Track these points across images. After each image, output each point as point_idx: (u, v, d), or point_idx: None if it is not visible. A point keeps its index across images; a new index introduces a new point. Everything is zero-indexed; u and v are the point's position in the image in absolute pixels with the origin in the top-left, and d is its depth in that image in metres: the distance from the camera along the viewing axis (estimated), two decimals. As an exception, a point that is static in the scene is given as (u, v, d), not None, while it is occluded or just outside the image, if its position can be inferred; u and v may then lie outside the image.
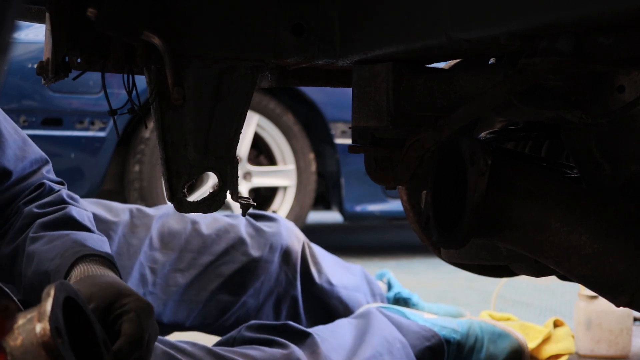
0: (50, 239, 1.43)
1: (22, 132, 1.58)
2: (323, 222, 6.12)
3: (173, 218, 1.97)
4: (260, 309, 1.99)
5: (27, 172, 1.55)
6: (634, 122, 1.18)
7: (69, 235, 1.43)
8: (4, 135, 1.51)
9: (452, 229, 1.10)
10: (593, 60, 0.94)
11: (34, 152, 1.57)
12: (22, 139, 1.56)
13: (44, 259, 1.39)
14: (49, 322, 1.01)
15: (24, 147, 1.55)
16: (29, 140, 1.58)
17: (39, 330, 1.01)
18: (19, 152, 1.54)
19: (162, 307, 1.92)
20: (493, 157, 1.06)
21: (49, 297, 1.03)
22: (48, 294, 1.04)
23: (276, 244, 2.00)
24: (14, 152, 1.53)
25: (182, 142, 1.26)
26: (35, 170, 1.56)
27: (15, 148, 1.53)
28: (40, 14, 1.30)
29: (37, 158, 1.57)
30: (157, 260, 1.92)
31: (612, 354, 2.16)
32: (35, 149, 1.58)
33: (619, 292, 1.11)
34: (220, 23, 1.21)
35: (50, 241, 1.42)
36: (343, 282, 2.09)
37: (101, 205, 1.94)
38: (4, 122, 1.52)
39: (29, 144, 1.57)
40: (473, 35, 0.93)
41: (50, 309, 1.02)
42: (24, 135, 1.57)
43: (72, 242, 1.41)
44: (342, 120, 4.15)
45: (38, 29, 3.63)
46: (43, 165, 1.58)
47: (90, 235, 1.45)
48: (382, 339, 1.84)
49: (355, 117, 1.20)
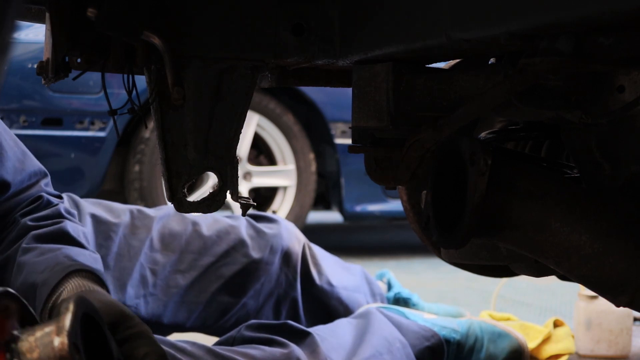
0: (41, 251, 1.41)
1: (22, 145, 1.57)
2: (323, 222, 6.12)
3: (174, 219, 1.97)
4: (260, 310, 1.99)
5: (25, 185, 1.55)
6: (634, 122, 1.18)
7: (60, 249, 1.41)
8: (4, 147, 1.51)
9: (452, 229, 1.10)
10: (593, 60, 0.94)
11: (33, 165, 1.57)
12: (22, 152, 1.56)
13: (33, 271, 1.38)
14: (68, 337, 1.00)
15: (23, 160, 1.55)
16: (29, 153, 1.58)
17: (57, 344, 1.00)
18: (18, 165, 1.54)
19: (162, 308, 1.92)
20: (493, 157, 1.06)
21: (68, 311, 1.02)
22: (67, 308, 1.03)
23: (277, 245, 2.00)
24: (13, 164, 1.52)
25: (182, 142, 1.26)
26: (33, 183, 1.56)
27: (14, 160, 1.53)
28: (40, 14, 1.30)
29: (36, 171, 1.57)
30: (157, 261, 1.92)
31: (612, 354, 2.16)
32: (34, 162, 1.58)
33: (619, 292, 1.11)
34: (220, 23, 1.21)
35: (42, 254, 1.41)
36: (343, 282, 2.09)
37: (102, 206, 1.94)
38: (4, 133, 1.52)
39: (29, 157, 1.57)
40: (473, 35, 0.93)
41: (69, 324, 1.01)
42: (23, 147, 1.57)
43: (63, 256, 1.39)
44: (342, 120, 4.15)
45: (38, 29, 3.63)
46: (42, 179, 1.58)
47: (82, 251, 1.43)
48: (382, 339, 1.84)
49: (355, 117, 1.20)
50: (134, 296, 1.88)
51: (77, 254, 1.41)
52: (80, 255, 1.41)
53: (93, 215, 1.88)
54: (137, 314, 1.87)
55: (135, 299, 1.88)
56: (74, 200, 1.89)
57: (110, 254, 1.87)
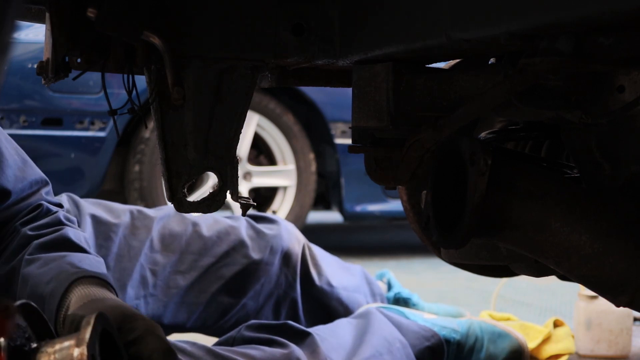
0: (45, 261, 1.41)
1: (24, 153, 1.57)
2: (323, 222, 6.12)
3: (174, 220, 1.97)
4: (260, 310, 1.99)
5: (26, 193, 1.55)
6: (634, 122, 1.18)
7: (64, 257, 1.41)
8: (4, 156, 1.51)
9: (452, 229, 1.10)
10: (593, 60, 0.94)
11: (34, 174, 1.57)
12: (23, 160, 1.56)
13: (39, 283, 1.38)
14: (87, 349, 1.06)
15: (24, 168, 1.55)
16: (30, 161, 1.58)
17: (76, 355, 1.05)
18: (18, 173, 1.54)
19: (162, 309, 1.92)
20: (493, 157, 1.06)
21: (89, 325, 1.09)
22: (88, 322, 1.09)
23: (277, 246, 2.00)
24: (13, 173, 1.53)
25: (182, 142, 1.26)
26: (34, 191, 1.56)
27: (15, 169, 1.53)
28: (40, 14, 1.30)
29: (37, 179, 1.57)
30: (157, 262, 1.92)
31: (612, 354, 2.16)
32: (35, 170, 1.58)
33: (619, 292, 1.11)
34: (220, 23, 1.21)
35: (45, 264, 1.41)
36: (343, 283, 2.09)
37: (102, 206, 1.94)
38: (4, 142, 1.52)
39: (30, 165, 1.57)
40: (473, 35, 0.93)
41: (89, 337, 1.07)
42: (24, 156, 1.57)
43: (67, 264, 1.39)
44: (342, 120, 4.15)
45: (38, 29, 3.63)
46: (42, 187, 1.58)
47: (85, 256, 1.44)
48: (382, 339, 1.84)
49: (355, 117, 1.20)
50: (133, 297, 1.88)
51: (80, 260, 1.41)
52: (84, 260, 1.41)
53: (93, 216, 1.88)
54: None
55: (135, 300, 1.88)
56: (74, 201, 1.89)
57: (110, 254, 1.87)
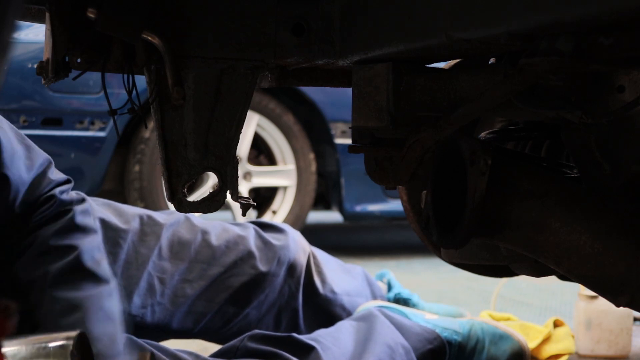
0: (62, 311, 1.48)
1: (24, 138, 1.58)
2: (323, 222, 6.12)
3: (183, 227, 1.96)
4: (262, 319, 1.99)
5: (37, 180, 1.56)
6: (634, 122, 1.18)
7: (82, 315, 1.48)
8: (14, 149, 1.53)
9: (452, 229, 1.10)
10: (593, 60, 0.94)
11: (39, 156, 1.58)
12: (27, 147, 1.57)
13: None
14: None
15: (30, 155, 1.56)
16: (32, 144, 1.58)
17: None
18: (28, 162, 1.55)
19: (169, 317, 1.91)
20: (493, 157, 1.06)
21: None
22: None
23: (284, 257, 1.99)
24: (24, 163, 1.54)
25: (182, 142, 1.26)
26: (41, 173, 1.57)
27: (24, 158, 1.55)
28: (40, 14, 1.30)
29: (42, 162, 1.58)
30: (166, 270, 1.91)
31: (612, 354, 2.16)
32: (38, 152, 1.59)
33: (619, 292, 1.11)
34: (221, 23, 1.21)
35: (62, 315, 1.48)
36: (346, 288, 2.09)
37: (112, 209, 1.92)
38: (9, 131, 1.53)
39: (33, 149, 1.57)
40: (473, 35, 0.93)
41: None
42: (27, 141, 1.58)
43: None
44: (342, 120, 4.14)
45: (38, 29, 3.63)
46: (47, 168, 1.59)
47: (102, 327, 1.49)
48: (385, 346, 1.83)
49: (355, 117, 1.20)
50: (140, 305, 1.87)
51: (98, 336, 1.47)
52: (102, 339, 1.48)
53: (102, 220, 1.86)
54: (142, 322, 1.86)
55: (141, 309, 1.87)
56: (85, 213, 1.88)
57: (118, 261, 1.86)
